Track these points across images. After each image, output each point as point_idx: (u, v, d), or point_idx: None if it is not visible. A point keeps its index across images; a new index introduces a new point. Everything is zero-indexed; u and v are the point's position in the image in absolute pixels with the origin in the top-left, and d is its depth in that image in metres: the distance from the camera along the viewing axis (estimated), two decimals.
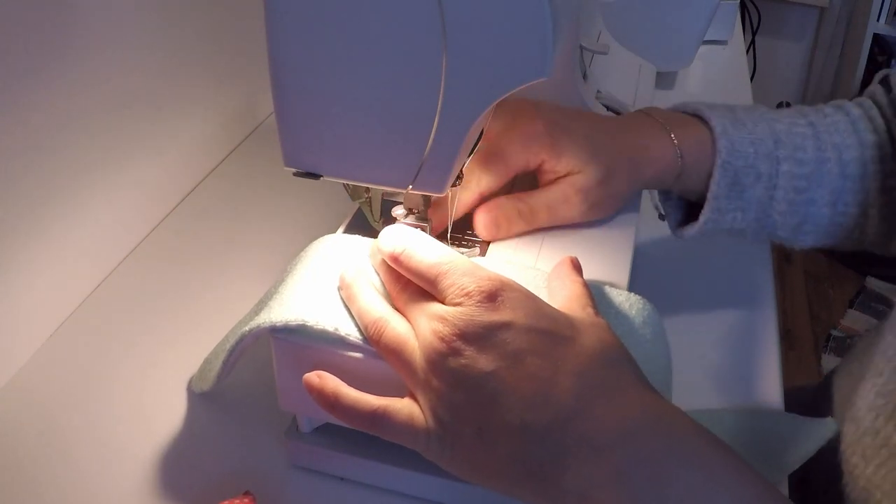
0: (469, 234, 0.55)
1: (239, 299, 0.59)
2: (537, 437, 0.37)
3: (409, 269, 0.43)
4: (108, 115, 0.62)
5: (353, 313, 0.44)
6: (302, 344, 0.44)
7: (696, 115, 0.58)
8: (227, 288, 0.65)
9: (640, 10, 0.94)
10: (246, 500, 0.46)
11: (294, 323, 0.43)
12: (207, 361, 0.54)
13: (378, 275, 0.46)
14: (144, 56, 0.66)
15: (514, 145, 0.53)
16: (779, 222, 0.57)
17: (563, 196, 0.53)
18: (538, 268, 0.50)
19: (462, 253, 0.53)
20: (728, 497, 0.35)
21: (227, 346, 0.49)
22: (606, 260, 0.54)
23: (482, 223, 0.53)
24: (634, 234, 0.57)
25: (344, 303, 0.45)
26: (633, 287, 0.52)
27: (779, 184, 0.55)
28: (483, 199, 0.53)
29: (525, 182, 0.56)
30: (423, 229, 0.50)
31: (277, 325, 0.44)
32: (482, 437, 0.38)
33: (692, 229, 0.58)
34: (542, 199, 0.53)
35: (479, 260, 0.52)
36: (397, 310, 0.43)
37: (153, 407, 0.54)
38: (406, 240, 0.43)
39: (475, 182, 0.53)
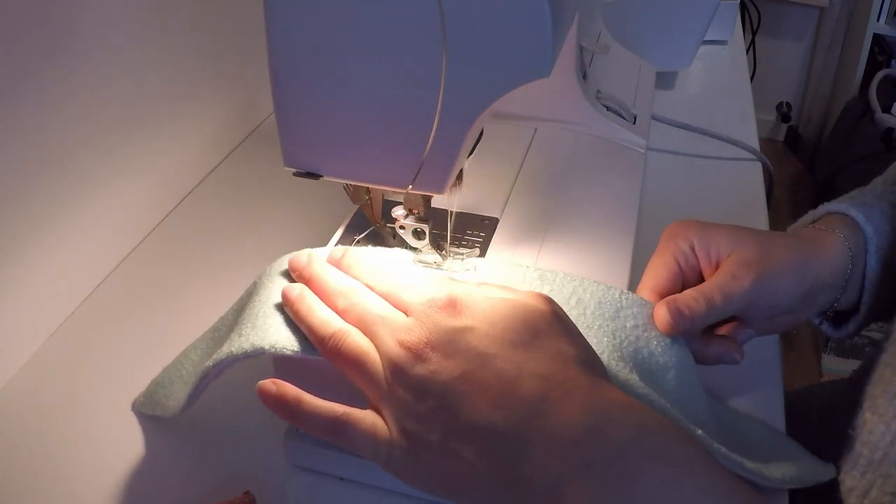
0: (469, 234, 0.54)
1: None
2: (504, 435, 0.37)
3: (377, 285, 0.45)
4: (107, 116, 0.62)
5: (304, 328, 0.44)
6: None
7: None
8: (228, 288, 0.65)
9: (640, 10, 0.94)
10: (246, 500, 0.46)
11: (252, 351, 0.44)
12: (157, 384, 0.53)
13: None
14: (144, 57, 0.66)
15: (665, 234, 0.53)
16: None
17: (730, 274, 0.51)
18: (538, 267, 0.50)
19: (462, 253, 0.53)
20: (699, 492, 0.35)
21: (190, 378, 0.49)
22: (606, 260, 0.54)
23: (663, 313, 0.49)
24: (634, 235, 0.57)
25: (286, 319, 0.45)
26: (633, 287, 0.52)
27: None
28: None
29: None
30: (422, 230, 0.50)
31: (238, 356, 0.44)
32: (448, 444, 0.38)
33: (854, 324, 0.57)
34: (711, 284, 0.51)
35: (478, 260, 0.52)
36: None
37: None
38: (370, 258, 0.46)
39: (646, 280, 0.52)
